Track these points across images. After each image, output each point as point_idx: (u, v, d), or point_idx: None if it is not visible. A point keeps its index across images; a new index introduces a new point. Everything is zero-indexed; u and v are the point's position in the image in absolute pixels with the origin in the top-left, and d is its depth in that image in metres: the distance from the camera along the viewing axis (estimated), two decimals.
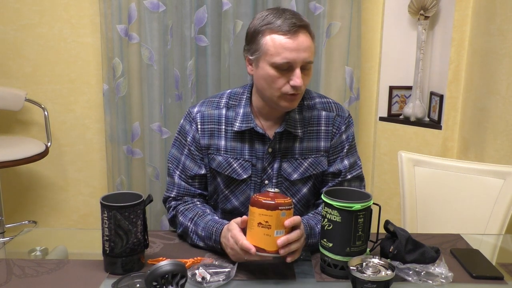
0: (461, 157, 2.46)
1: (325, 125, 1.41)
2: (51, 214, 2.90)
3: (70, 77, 2.72)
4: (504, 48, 2.05)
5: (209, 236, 1.27)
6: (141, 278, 1.09)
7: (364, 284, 1.03)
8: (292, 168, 1.39)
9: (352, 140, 1.44)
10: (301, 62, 1.26)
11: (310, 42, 1.27)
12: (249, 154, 1.39)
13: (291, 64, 1.25)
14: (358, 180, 1.45)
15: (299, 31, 1.25)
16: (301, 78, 1.26)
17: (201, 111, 1.41)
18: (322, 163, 1.41)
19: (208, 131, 1.40)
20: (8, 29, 2.64)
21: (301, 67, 1.27)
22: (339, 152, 1.42)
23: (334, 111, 1.42)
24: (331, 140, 1.41)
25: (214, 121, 1.40)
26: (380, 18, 2.69)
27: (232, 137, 1.39)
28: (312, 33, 1.30)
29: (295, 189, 1.42)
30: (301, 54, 1.25)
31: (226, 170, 1.40)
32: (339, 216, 1.13)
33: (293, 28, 1.24)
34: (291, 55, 1.24)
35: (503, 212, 1.68)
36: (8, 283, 1.11)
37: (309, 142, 1.40)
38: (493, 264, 1.25)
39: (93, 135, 2.80)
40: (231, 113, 1.40)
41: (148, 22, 2.49)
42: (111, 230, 1.13)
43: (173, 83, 2.59)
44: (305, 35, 1.26)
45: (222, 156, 1.39)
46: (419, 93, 2.61)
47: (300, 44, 1.25)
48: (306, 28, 1.27)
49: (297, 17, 1.27)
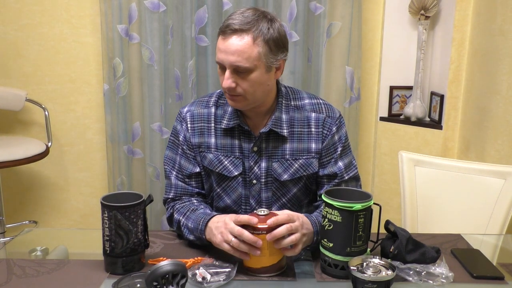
0: (462, 157, 2.46)
1: (315, 127, 1.41)
2: (51, 214, 2.90)
3: (70, 77, 2.72)
4: (505, 48, 2.05)
5: (196, 227, 1.28)
6: (142, 278, 1.09)
7: (365, 284, 1.03)
8: (283, 169, 1.40)
9: (345, 140, 1.44)
10: (229, 64, 1.26)
11: (242, 47, 1.24)
12: (239, 151, 1.41)
13: (222, 65, 1.29)
14: (355, 180, 1.46)
15: (233, 34, 1.25)
16: (231, 80, 1.27)
17: (191, 110, 1.44)
18: (313, 164, 1.41)
19: (198, 130, 1.42)
20: (8, 29, 2.64)
21: (235, 70, 1.27)
22: (332, 154, 1.42)
23: (324, 112, 1.42)
24: (323, 142, 1.41)
25: (203, 119, 1.43)
26: (380, 18, 2.69)
27: (221, 135, 1.41)
28: (256, 37, 1.25)
29: (285, 189, 1.43)
30: (229, 57, 1.25)
31: (217, 167, 1.41)
32: (340, 216, 1.13)
33: (227, 30, 1.26)
34: (220, 56, 1.28)
35: (504, 212, 1.68)
36: (9, 283, 1.11)
37: (300, 144, 1.40)
38: (494, 264, 1.25)
39: (94, 135, 2.80)
40: (220, 111, 1.42)
41: (149, 22, 2.49)
42: (112, 230, 1.13)
43: (173, 83, 2.59)
44: (239, 38, 1.25)
45: (213, 153, 1.41)
46: (420, 93, 2.61)
47: (228, 47, 1.25)
48: (243, 32, 1.25)
49: (241, 20, 1.25)
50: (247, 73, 1.27)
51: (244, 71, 1.27)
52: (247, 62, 1.25)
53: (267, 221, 1.14)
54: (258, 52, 1.26)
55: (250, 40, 1.25)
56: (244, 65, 1.25)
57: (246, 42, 1.24)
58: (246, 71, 1.27)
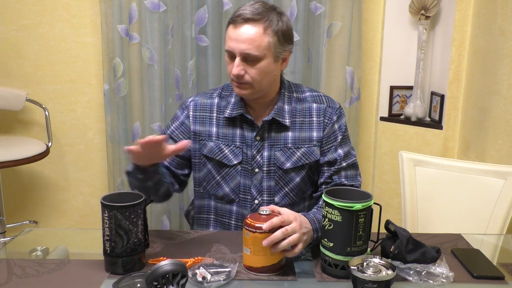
0: (462, 157, 2.46)
1: (317, 116, 1.46)
2: (51, 214, 2.90)
3: (70, 77, 2.72)
4: (505, 48, 2.05)
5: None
6: (142, 277, 1.09)
7: (365, 284, 1.03)
8: (285, 157, 1.44)
9: (345, 130, 1.49)
10: (240, 52, 1.31)
11: (253, 35, 1.30)
12: (240, 141, 1.45)
13: (233, 53, 1.33)
14: (354, 168, 1.49)
15: (244, 23, 1.31)
16: (241, 68, 1.32)
17: (195, 100, 1.51)
18: (314, 152, 1.45)
19: (200, 118, 1.48)
20: (9, 29, 2.64)
21: (244, 58, 1.33)
22: (333, 142, 1.46)
23: (325, 103, 1.48)
24: (324, 130, 1.45)
25: (206, 109, 1.48)
26: (381, 18, 2.69)
27: (223, 124, 1.46)
28: (267, 27, 1.32)
29: (288, 178, 1.46)
30: (240, 44, 1.31)
31: (217, 155, 1.45)
32: (340, 216, 1.13)
33: (238, 19, 1.32)
34: (231, 44, 1.33)
35: (504, 212, 1.68)
36: (9, 283, 1.11)
37: (302, 133, 1.45)
38: (494, 264, 1.25)
39: (94, 135, 2.80)
40: (223, 102, 1.48)
41: (149, 22, 2.49)
42: (112, 230, 1.14)
43: (173, 83, 2.59)
44: (251, 27, 1.31)
45: (214, 142, 1.46)
46: (420, 93, 2.61)
47: (239, 35, 1.31)
48: (255, 21, 1.31)
49: (253, 11, 1.31)
50: (256, 61, 1.33)
51: (253, 59, 1.32)
52: (257, 51, 1.31)
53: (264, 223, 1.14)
54: (268, 41, 1.32)
55: (261, 30, 1.31)
56: (254, 53, 1.31)
57: (257, 31, 1.31)
58: (255, 60, 1.33)
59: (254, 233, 1.14)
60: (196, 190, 1.55)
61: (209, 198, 1.52)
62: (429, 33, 2.56)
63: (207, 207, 1.54)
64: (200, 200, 1.54)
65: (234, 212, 1.49)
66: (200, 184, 1.52)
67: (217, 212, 1.52)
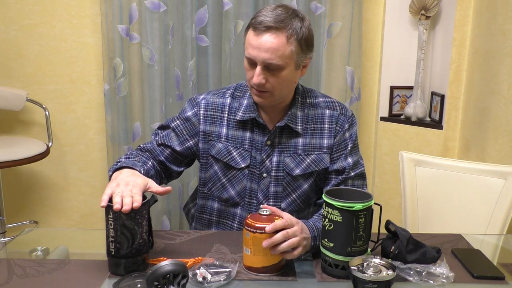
0: (462, 157, 2.46)
1: (329, 123, 1.44)
2: (52, 214, 2.90)
3: (71, 77, 2.72)
4: (506, 48, 2.05)
5: (115, 165, 1.32)
6: (142, 278, 1.09)
7: (365, 284, 1.03)
8: (295, 164, 1.42)
9: (355, 139, 1.47)
10: (261, 61, 1.28)
11: (277, 45, 1.26)
12: (249, 144, 1.42)
13: (253, 61, 1.29)
14: (361, 178, 1.47)
15: (267, 31, 1.26)
16: (262, 76, 1.28)
17: (207, 98, 1.46)
18: (324, 160, 1.43)
19: (210, 118, 1.44)
20: (9, 29, 2.64)
21: (266, 67, 1.29)
22: (343, 150, 1.44)
23: (338, 109, 1.46)
24: (335, 138, 1.43)
25: (217, 109, 1.44)
26: (381, 18, 2.69)
27: (234, 126, 1.43)
28: (290, 36, 1.27)
29: (296, 184, 1.44)
30: (262, 54, 1.27)
31: (225, 157, 1.43)
32: (340, 216, 1.13)
33: (260, 27, 1.26)
34: (253, 52, 1.28)
35: (504, 212, 1.68)
36: (9, 283, 1.11)
37: (312, 139, 1.43)
38: (494, 264, 1.25)
39: (94, 135, 2.80)
40: (236, 103, 1.44)
41: (149, 22, 2.49)
42: (117, 231, 1.12)
43: (174, 83, 2.59)
44: (273, 36, 1.26)
45: (223, 143, 1.43)
46: (420, 93, 2.61)
47: (261, 44, 1.26)
48: (278, 30, 1.26)
49: (275, 17, 1.26)
50: (278, 70, 1.30)
51: (275, 68, 1.29)
52: (280, 60, 1.28)
53: (268, 223, 1.14)
54: (291, 50, 1.28)
55: (284, 39, 1.27)
56: (277, 62, 1.27)
57: (280, 40, 1.26)
58: (277, 69, 1.29)
59: (255, 233, 1.14)
60: (200, 190, 1.53)
61: (212, 200, 1.51)
62: (429, 33, 2.56)
63: (210, 208, 1.52)
64: (203, 200, 1.53)
65: (238, 215, 1.48)
66: (205, 184, 1.50)
67: (220, 214, 1.51)
